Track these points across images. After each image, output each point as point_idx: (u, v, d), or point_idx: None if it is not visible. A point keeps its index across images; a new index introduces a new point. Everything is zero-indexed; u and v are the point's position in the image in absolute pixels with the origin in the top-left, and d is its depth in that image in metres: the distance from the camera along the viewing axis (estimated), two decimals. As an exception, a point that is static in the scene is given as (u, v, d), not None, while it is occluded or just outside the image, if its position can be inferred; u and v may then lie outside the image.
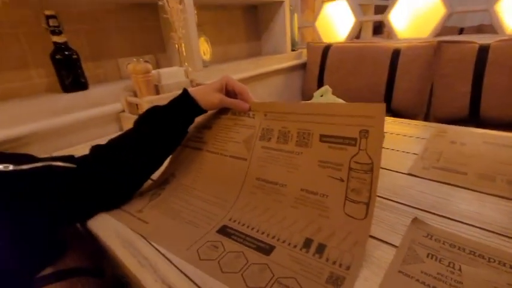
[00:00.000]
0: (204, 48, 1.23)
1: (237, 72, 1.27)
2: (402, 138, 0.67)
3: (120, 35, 1.03)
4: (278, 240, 0.36)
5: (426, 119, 1.28)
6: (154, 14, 1.10)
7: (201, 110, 0.52)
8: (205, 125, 0.57)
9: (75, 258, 0.50)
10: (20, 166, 0.40)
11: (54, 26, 0.78)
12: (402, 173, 0.51)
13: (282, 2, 1.44)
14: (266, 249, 0.35)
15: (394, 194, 0.44)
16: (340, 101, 0.62)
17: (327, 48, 1.54)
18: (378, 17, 1.52)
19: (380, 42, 1.43)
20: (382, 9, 1.51)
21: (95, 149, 0.48)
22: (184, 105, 0.51)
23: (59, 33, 0.79)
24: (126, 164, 0.47)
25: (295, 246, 0.35)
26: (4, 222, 0.34)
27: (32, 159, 0.42)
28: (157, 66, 1.14)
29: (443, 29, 1.35)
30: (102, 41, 0.99)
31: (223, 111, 0.55)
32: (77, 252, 0.51)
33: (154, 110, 0.51)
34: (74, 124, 0.79)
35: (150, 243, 0.38)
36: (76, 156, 0.46)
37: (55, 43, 0.80)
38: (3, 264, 0.30)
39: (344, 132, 0.39)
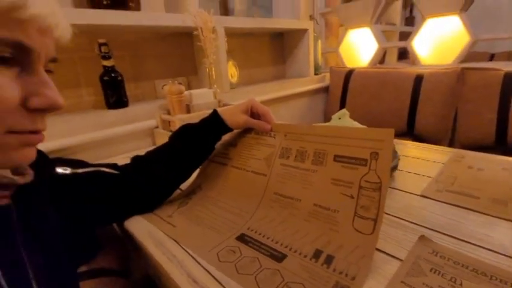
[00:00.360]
0: (232, 72, 1.33)
1: (262, 94, 1.35)
2: (419, 161, 0.69)
3: (157, 59, 1.15)
4: (290, 249, 0.40)
5: (451, 145, 1.27)
6: (189, 41, 1.21)
7: (227, 129, 0.58)
8: (230, 142, 0.62)
9: (106, 259, 0.56)
10: (76, 170, 0.47)
11: (105, 52, 0.90)
12: (415, 194, 0.53)
13: (306, 30, 1.52)
14: (279, 257, 0.39)
15: (405, 213, 0.47)
16: (357, 124, 0.66)
17: (349, 73, 1.59)
18: (402, 43, 1.56)
19: (402, 68, 1.46)
20: (407, 36, 1.54)
21: (135, 159, 0.55)
22: (214, 124, 0.57)
23: (109, 58, 0.91)
24: (160, 175, 0.53)
25: (305, 256, 0.38)
26: (57, 217, 0.40)
27: (84, 164, 0.49)
28: (189, 87, 1.24)
29: (473, 54, 1.36)
30: (142, 64, 1.11)
31: (247, 130, 0.61)
32: (108, 253, 0.57)
33: (186, 128, 0.58)
34: (115, 137, 0.89)
35: (177, 244, 0.43)
36: (119, 164, 0.54)
37: (104, 66, 0.92)
38: (55, 257, 0.35)
39: (356, 153, 0.43)
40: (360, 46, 1.70)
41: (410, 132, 1.36)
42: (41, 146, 0.34)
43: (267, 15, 1.58)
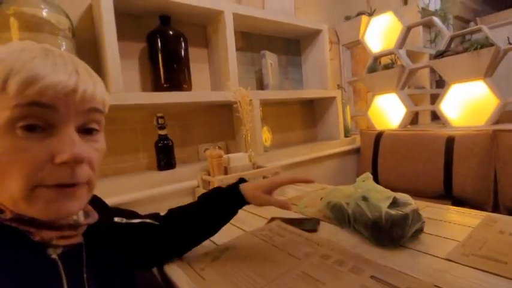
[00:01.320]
0: (266, 136, 1.47)
1: (294, 156, 1.45)
2: (449, 225, 0.70)
3: (201, 127, 1.34)
4: None
5: (496, 208, 1.20)
6: (228, 111, 1.40)
7: (245, 202, 0.63)
8: (278, 231, 0.71)
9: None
10: (129, 220, 0.58)
11: (161, 124, 1.09)
12: (440, 257, 0.54)
13: (335, 97, 1.67)
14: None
15: (428, 276, 0.48)
16: (380, 188, 0.70)
17: (379, 135, 1.65)
18: (430, 107, 1.61)
19: (432, 130, 1.48)
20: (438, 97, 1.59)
21: (171, 211, 0.66)
22: (234, 197, 0.64)
23: (163, 128, 1.10)
24: (188, 228, 0.62)
25: None
26: (117, 259, 0.48)
27: (135, 215, 0.61)
28: (228, 151, 1.39)
29: (509, 114, 1.36)
30: (188, 131, 1.29)
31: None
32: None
33: (214, 191, 0.67)
34: (162, 195, 1.01)
35: (212, 293, 0.49)
36: (161, 214, 0.65)
37: (159, 135, 1.10)
38: None
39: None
40: (388, 110, 1.78)
41: (448, 194, 1.32)
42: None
43: (298, 86, 1.77)
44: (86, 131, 0.36)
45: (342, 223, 0.73)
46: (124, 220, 0.57)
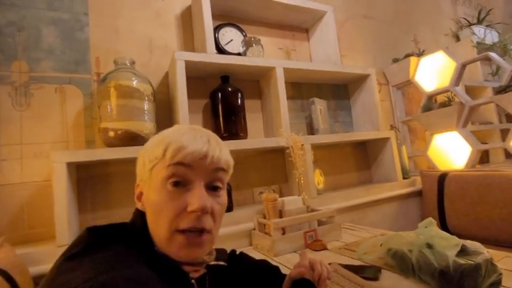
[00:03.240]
0: (318, 179, 1.48)
1: (348, 198, 1.42)
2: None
3: (256, 171, 1.42)
4: None
5: None
6: (280, 156, 1.48)
7: None
8: (337, 280, 0.72)
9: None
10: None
11: (220, 169, 1.20)
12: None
13: (388, 138, 1.64)
14: None
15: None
16: (444, 234, 0.67)
17: (443, 176, 1.53)
18: (500, 144, 1.47)
19: (506, 170, 1.34)
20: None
21: (234, 256, 0.71)
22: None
23: (222, 173, 1.21)
24: (246, 284, 0.65)
25: None
26: None
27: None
28: (281, 194, 1.43)
29: None
30: (244, 175, 1.38)
31: None
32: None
33: (276, 270, 0.68)
34: (223, 236, 1.06)
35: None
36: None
37: (219, 180, 1.21)
38: None
39: None
40: (451, 149, 1.67)
41: (538, 244, 1.14)
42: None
43: (348, 128, 1.79)
44: (212, 188, 0.48)
45: (405, 272, 0.70)
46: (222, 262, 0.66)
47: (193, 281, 0.47)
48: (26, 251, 0.85)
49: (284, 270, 0.69)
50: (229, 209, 1.20)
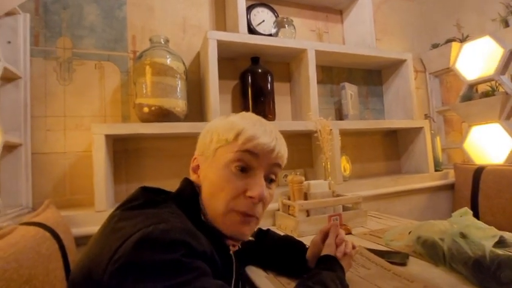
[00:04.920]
0: (344, 165, 1.46)
1: (375, 187, 1.39)
2: None
3: (282, 154, 1.42)
4: None
5: None
6: (306, 140, 1.46)
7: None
8: (363, 262, 0.71)
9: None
10: None
11: (247, 150, 1.22)
12: None
13: (422, 128, 1.56)
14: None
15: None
16: (481, 224, 0.64)
17: (479, 170, 1.45)
18: (548, 140, 1.35)
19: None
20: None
21: (259, 232, 0.75)
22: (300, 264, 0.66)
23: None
24: (271, 258, 0.71)
25: None
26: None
27: None
28: (306, 178, 1.43)
29: None
30: (270, 158, 1.39)
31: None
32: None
33: (299, 243, 0.71)
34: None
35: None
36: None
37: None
38: None
39: None
40: (490, 142, 1.57)
41: None
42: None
43: (379, 116, 1.73)
44: (268, 180, 0.52)
45: (435, 260, 0.68)
46: None
47: (231, 253, 0.53)
48: (68, 213, 0.92)
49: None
50: (255, 189, 1.22)
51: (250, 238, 0.70)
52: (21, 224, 0.66)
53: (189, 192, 0.51)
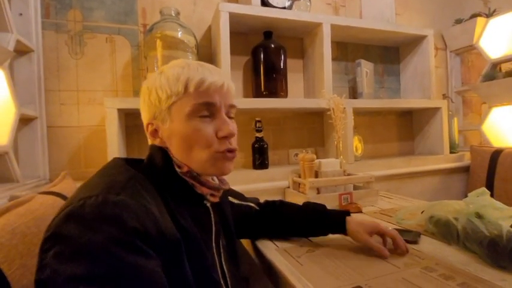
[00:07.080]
0: (357, 145, 1.43)
1: (387, 167, 1.37)
2: None
3: (293, 132, 1.41)
4: None
5: None
6: (318, 119, 1.44)
7: (344, 233, 0.67)
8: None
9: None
10: (240, 201, 0.73)
11: (259, 127, 1.21)
12: None
13: (439, 108, 1.51)
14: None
15: None
16: (499, 204, 0.63)
17: (497, 153, 1.41)
18: None
19: None
20: None
21: (267, 203, 0.77)
22: (337, 222, 0.67)
23: (260, 131, 1.21)
24: (283, 224, 0.73)
25: None
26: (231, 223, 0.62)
27: (243, 197, 0.76)
28: (316, 157, 1.42)
29: None
30: (281, 136, 1.38)
31: None
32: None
33: (321, 208, 0.72)
34: (258, 190, 1.11)
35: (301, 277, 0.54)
36: (260, 201, 0.78)
37: (256, 137, 1.22)
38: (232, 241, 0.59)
39: None
40: (510, 124, 1.51)
41: None
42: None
43: (394, 95, 1.67)
44: (229, 118, 0.53)
45: (448, 239, 0.67)
46: (236, 201, 0.73)
47: (208, 205, 0.53)
48: (84, 185, 0.95)
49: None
50: (265, 166, 1.22)
51: (256, 208, 0.75)
52: (40, 193, 0.68)
53: (161, 156, 0.50)
